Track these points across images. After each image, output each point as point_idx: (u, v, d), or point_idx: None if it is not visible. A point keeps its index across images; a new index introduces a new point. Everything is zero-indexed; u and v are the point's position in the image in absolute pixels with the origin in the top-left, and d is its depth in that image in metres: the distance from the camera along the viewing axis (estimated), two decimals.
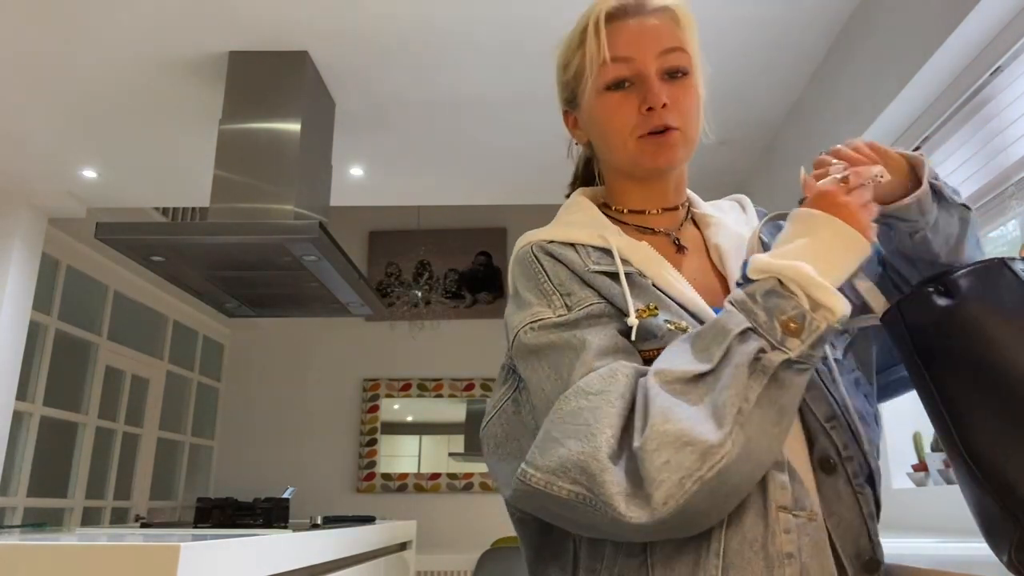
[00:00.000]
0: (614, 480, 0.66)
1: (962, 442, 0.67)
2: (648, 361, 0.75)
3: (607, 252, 0.84)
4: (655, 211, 0.93)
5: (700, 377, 0.69)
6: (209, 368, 5.88)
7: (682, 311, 0.80)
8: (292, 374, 5.85)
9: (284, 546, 1.74)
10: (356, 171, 3.52)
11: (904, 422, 2.14)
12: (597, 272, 0.82)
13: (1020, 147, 1.79)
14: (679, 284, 0.82)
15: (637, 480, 0.66)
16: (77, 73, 2.73)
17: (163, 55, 2.63)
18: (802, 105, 2.86)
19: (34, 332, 3.94)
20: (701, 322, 0.78)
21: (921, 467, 1.98)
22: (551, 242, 0.86)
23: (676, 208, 0.94)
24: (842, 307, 0.68)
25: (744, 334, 0.69)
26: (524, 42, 2.54)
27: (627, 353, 0.77)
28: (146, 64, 2.68)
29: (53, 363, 4.17)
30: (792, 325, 0.68)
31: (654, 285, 0.82)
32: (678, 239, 0.91)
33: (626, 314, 0.78)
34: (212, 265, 2.48)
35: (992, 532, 0.67)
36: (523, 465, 0.71)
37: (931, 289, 0.71)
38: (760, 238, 0.85)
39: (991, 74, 1.87)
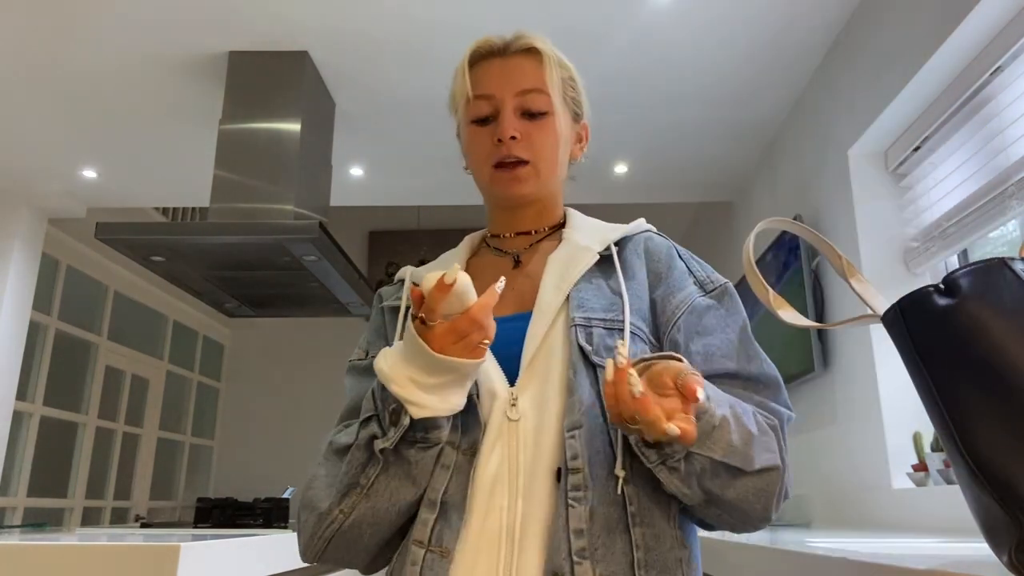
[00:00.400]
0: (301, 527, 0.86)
1: (962, 442, 0.67)
2: None
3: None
4: (509, 235, 1.00)
5: (344, 449, 0.84)
6: (209, 368, 5.88)
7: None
8: (292, 374, 5.85)
9: (284, 546, 1.74)
10: (356, 171, 3.52)
11: (904, 422, 2.14)
12: (386, 307, 0.97)
13: (1020, 147, 1.79)
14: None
15: None
16: (77, 73, 2.73)
17: (163, 55, 2.63)
18: (802, 105, 2.86)
19: (34, 332, 3.94)
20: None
21: (921, 467, 1.98)
22: (395, 282, 1.01)
23: (530, 233, 1.00)
24: (421, 411, 0.76)
25: (368, 420, 0.82)
26: None
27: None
28: (146, 64, 2.68)
29: (53, 363, 4.17)
30: (394, 416, 0.79)
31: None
32: (518, 256, 0.98)
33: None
34: (212, 265, 2.48)
35: (992, 532, 0.67)
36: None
37: (931, 289, 0.71)
38: (751, 254, 0.87)
39: (991, 74, 1.87)
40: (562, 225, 1.00)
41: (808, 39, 2.53)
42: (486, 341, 0.77)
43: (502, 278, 0.79)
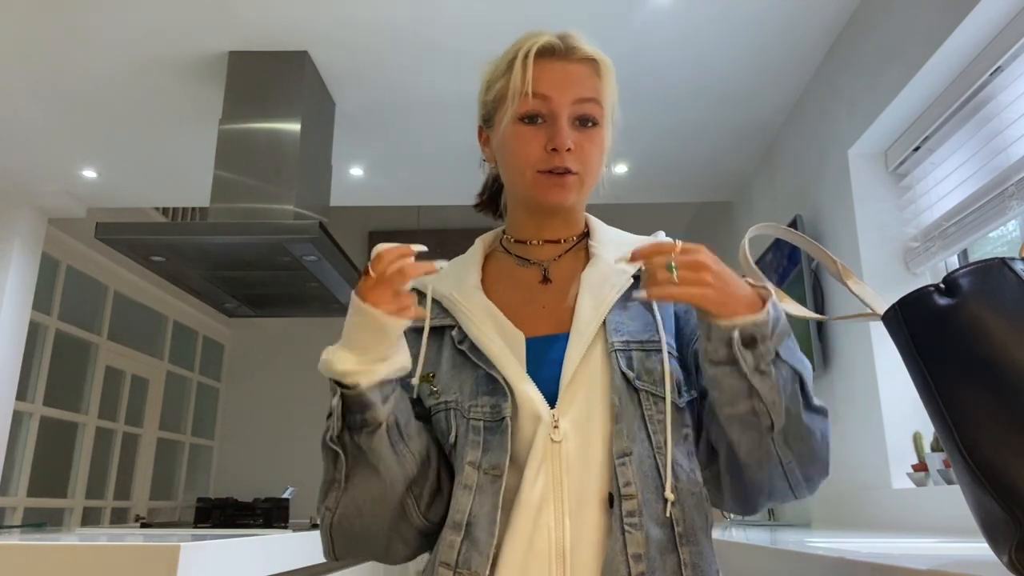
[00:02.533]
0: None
1: (962, 442, 0.67)
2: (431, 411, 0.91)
3: (437, 304, 0.95)
4: (537, 242, 0.99)
5: None
6: (209, 368, 5.88)
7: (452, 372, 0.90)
8: (292, 374, 5.84)
9: (284, 546, 1.74)
10: (356, 171, 3.52)
11: (904, 422, 2.14)
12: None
13: (1020, 147, 1.79)
14: (481, 336, 0.90)
15: None
16: (77, 73, 2.73)
17: (163, 55, 2.63)
18: (802, 105, 2.86)
19: (34, 332, 3.94)
20: (495, 379, 0.87)
21: (921, 467, 1.98)
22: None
23: (559, 241, 0.99)
24: (341, 365, 0.83)
25: (329, 416, 0.86)
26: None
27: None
28: (146, 64, 2.68)
29: (53, 363, 4.17)
30: (335, 406, 0.84)
31: (468, 338, 0.91)
32: (547, 270, 0.97)
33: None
34: (212, 265, 2.48)
35: (992, 532, 0.67)
36: None
37: (932, 288, 0.71)
38: (747, 254, 0.88)
39: (991, 74, 1.87)
40: (586, 234, 1.00)
41: (808, 39, 2.53)
42: (408, 308, 0.81)
43: (441, 261, 0.86)
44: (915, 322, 0.72)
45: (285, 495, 2.60)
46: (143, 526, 2.38)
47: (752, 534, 1.90)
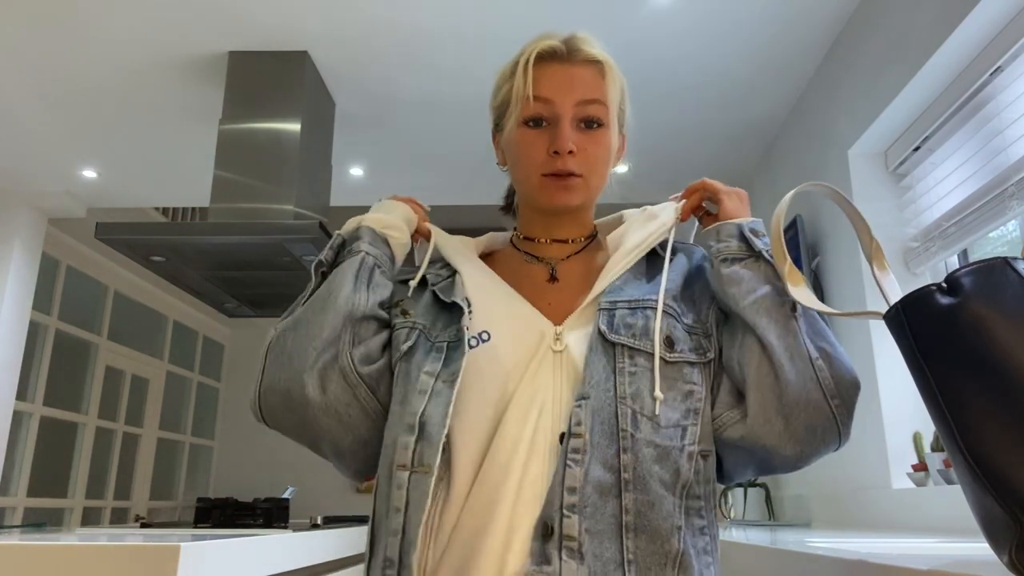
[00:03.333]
0: None
1: (963, 441, 0.67)
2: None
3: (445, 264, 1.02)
4: (545, 240, 1.01)
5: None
6: (209, 368, 5.88)
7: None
8: None
9: (284, 546, 1.74)
10: (356, 171, 3.52)
11: (904, 422, 2.14)
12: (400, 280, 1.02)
13: (1020, 147, 1.79)
14: (478, 291, 0.94)
15: None
16: (77, 73, 2.73)
17: (163, 55, 2.63)
18: (803, 105, 2.86)
19: (34, 332, 3.94)
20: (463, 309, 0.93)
21: (921, 467, 1.98)
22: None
23: (567, 241, 1.01)
24: (349, 226, 0.99)
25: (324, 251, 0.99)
26: (524, 42, 2.54)
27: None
28: (146, 64, 2.68)
29: (53, 363, 4.17)
30: (332, 242, 0.99)
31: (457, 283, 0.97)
32: (554, 270, 0.99)
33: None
34: (212, 265, 2.48)
35: (993, 532, 0.67)
36: None
37: (934, 288, 0.71)
38: (782, 216, 0.94)
39: (991, 74, 1.87)
40: (593, 235, 1.02)
41: (808, 39, 2.53)
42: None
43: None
44: (917, 321, 0.72)
45: (285, 495, 2.60)
46: (143, 526, 2.37)
47: (752, 534, 1.90)
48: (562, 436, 0.83)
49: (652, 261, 0.97)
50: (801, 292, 0.87)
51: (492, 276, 0.97)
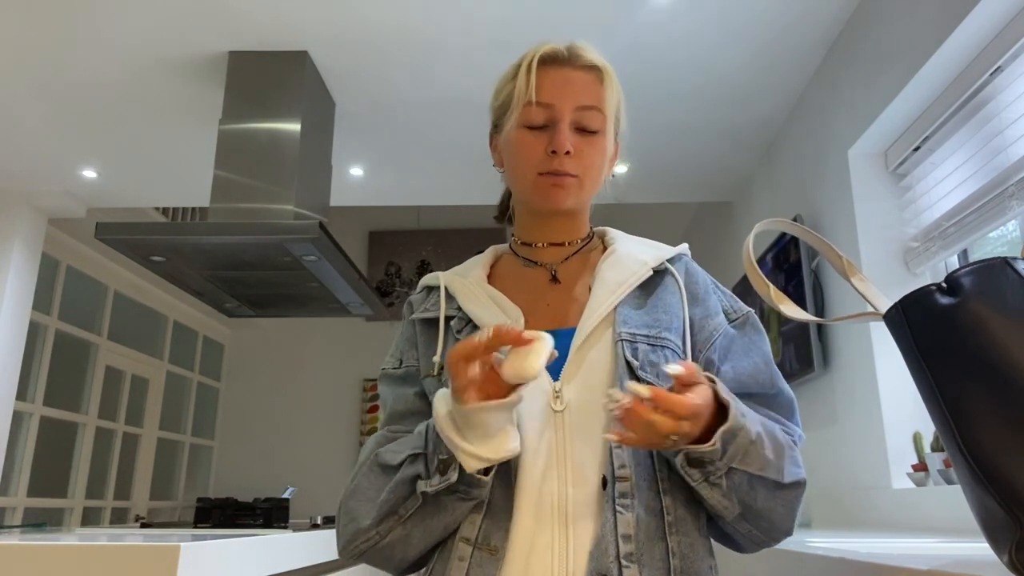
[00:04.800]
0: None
1: (963, 441, 0.67)
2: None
3: (451, 298, 0.97)
4: (542, 245, 1.01)
5: (389, 469, 0.86)
6: (209, 368, 5.87)
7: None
8: (292, 374, 5.84)
9: (284, 546, 1.74)
10: (356, 171, 3.52)
11: (904, 422, 2.14)
12: (417, 319, 0.98)
13: (1020, 147, 1.79)
14: (488, 317, 0.92)
15: None
16: (77, 73, 2.73)
17: (163, 55, 2.63)
18: (802, 105, 2.86)
19: (34, 332, 3.94)
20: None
21: (921, 467, 1.98)
22: (421, 291, 1.03)
23: (563, 244, 1.01)
24: (470, 466, 0.78)
25: (416, 457, 0.84)
26: (523, 43, 2.53)
27: (418, 415, 0.92)
28: (146, 64, 2.68)
29: (53, 363, 4.17)
30: (442, 466, 0.81)
31: (468, 323, 0.93)
32: (555, 271, 0.99)
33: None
34: (212, 265, 2.48)
35: (993, 532, 0.67)
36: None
37: (934, 287, 0.71)
38: (750, 254, 0.89)
39: (991, 74, 1.87)
40: (589, 239, 1.03)
41: (808, 39, 2.53)
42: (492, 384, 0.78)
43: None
44: (917, 321, 0.72)
45: (285, 495, 2.60)
46: (143, 526, 2.38)
47: None
48: (604, 480, 0.82)
49: (650, 280, 0.96)
50: (790, 308, 0.87)
51: (493, 299, 0.95)
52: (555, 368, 0.86)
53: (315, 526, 2.36)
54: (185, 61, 2.66)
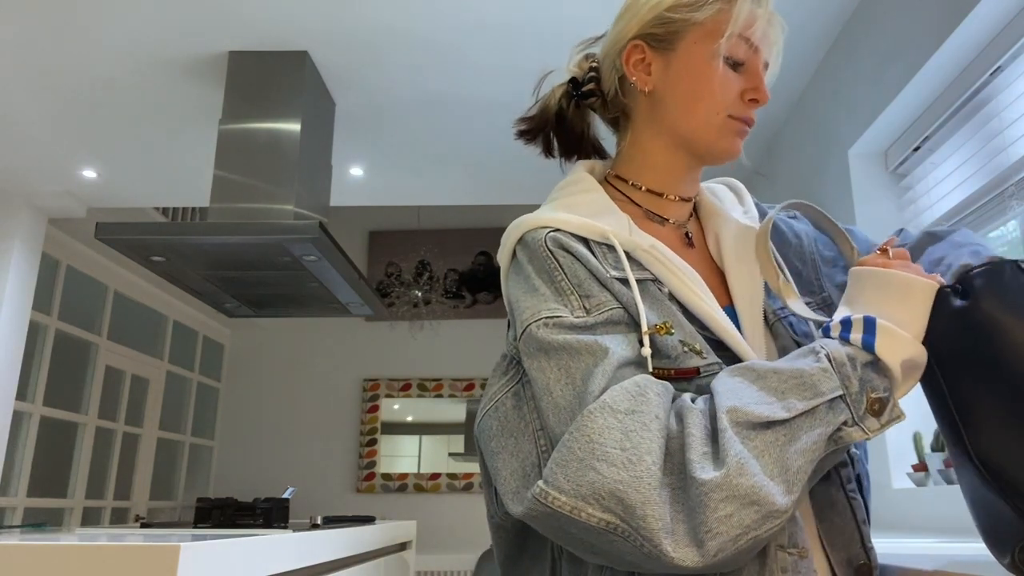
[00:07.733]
0: (656, 515, 0.61)
1: (971, 442, 0.67)
2: (657, 378, 0.70)
3: (613, 249, 0.79)
4: (673, 197, 0.90)
5: (770, 424, 0.64)
6: (209, 368, 5.87)
7: (693, 329, 0.76)
8: (292, 374, 5.84)
9: (284, 546, 1.74)
10: (356, 171, 3.52)
11: (904, 422, 2.14)
12: (613, 278, 0.77)
13: (1020, 147, 1.79)
14: (698, 299, 0.77)
15: (683, 518, 0.62)
16: (77, 73, 2.73)
17: (163, 55, 2.63)
18: (803, 104, 2.86)
19: (34, 332, 3.94)
20: (717, 340, 0.76)
21: (921, 467, 1.98)
22: (557, 230, 0.79)
23: (689, 200, 0.92)
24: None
25: (835, 401, 0.66)
26: (523, 43, 2.54)
27: (643, 366, 0.72)
28: (146, 64, 2.68)
29: (53, 363, 4.17)
30: (876, 406, 0.67)
31: (670, 295, 0.78)
32: (689, 232, 0.90)
33: (638, 325, 0.74)
34: (212, 265, 2.48)
35: (995, 532, 0.67)
36: (542, 484, 0.64)
37: (948, 289, 0.71)
38: (767, 232, 0.86)
39: (991, 74, 1.87)
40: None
41: (808, 39, 2.53)
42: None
43: None
44: (931, 323, 0.71)
45: (285, 495, 2.60)
46: (143, 526, 2.37)
47: None
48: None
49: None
50: (795, 303, 0.83)
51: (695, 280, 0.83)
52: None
53: (315, 526, 2.36)
54: (185, 61, 2.66)
